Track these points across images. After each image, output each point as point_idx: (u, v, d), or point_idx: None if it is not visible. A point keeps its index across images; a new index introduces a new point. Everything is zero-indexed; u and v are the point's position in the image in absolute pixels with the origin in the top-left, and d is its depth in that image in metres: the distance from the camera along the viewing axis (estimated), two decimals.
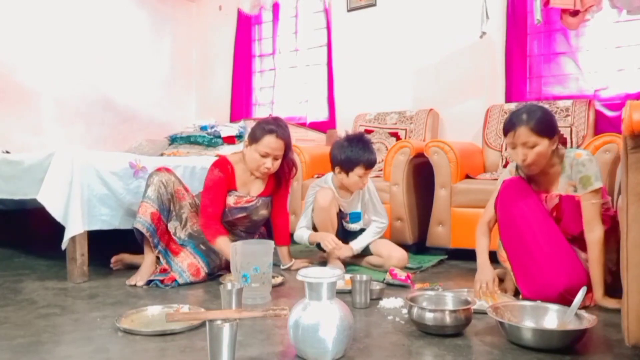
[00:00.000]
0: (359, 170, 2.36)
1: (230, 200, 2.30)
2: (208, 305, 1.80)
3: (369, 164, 2.38)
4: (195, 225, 2.30)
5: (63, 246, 2.14)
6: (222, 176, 2.27)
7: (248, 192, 2.35)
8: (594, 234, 1.78)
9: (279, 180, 2.41)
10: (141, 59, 4.46)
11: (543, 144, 1.83)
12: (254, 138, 2.24)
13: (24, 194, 2.26)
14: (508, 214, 1.92)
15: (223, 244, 2.17)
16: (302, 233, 2.50)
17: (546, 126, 1.83)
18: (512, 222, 1.90)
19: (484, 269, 1.94)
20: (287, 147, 2.29)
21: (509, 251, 1.92)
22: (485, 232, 2.05)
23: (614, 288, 1.69)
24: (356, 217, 2.58)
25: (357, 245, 2.47)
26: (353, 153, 2.35)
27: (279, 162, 2.28)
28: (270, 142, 2.21)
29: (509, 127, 1.88)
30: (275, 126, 2.23)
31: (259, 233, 2.53)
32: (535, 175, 1.93)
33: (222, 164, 2.31)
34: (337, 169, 2.43)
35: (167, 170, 2.29)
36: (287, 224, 2.51)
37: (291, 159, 2.37)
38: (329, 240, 2.34)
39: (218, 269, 2.27)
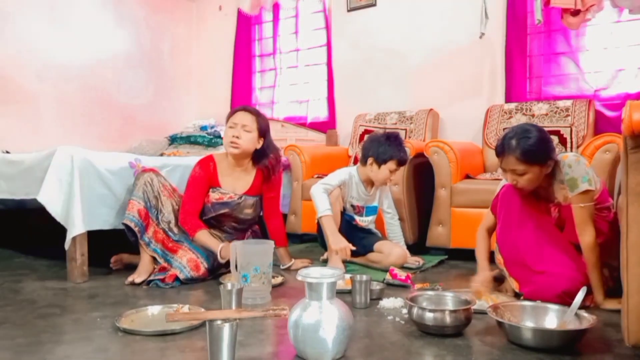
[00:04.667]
0: (391, 165, 2.45)
1: (214, 196, 2.34)
2: (208, 305, 1.80)
3: (402, 162, 2.49)
4: None
5: (66, 246, 2.15)
6: (202, 174, 2.33)
7: (233, 189, 2.37)
8: (585, 238, 1.76)
9: (266, 176, 2.40)
10: (141, 59, 4.46)
11: (533, 171, 1.78)
12: (226, 120, 2.37)
13: (24, 194, 2.27)
14: (507, 215, 1.92)
15: (202, 236, 2.23)
16: (323, 197, 2.41)
17: (536, 154, 1.76)
18: (510, 224, 1.90)
19: (480, 271, 1.97)
20: (261, 129, 2.33)
21: (506, 254, 1.92)
22: (484, 237, 2.05)
23: (614, 290, 1.69)
24: (373, 210, 2.64)
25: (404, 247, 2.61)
26: (390, 148, 2.45)
27: (250, 135, 2.30)
28: (237, 115, 2.32)
29: (499, 152, 1.83)
30: (244, 106, 2.39)
31: (252, 231, 2.53)
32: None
33: (204, 161, 2.38)
34: (370, 160, 2.49)
35: (153, 170, 2.33)
36: (281, 225, 2.51)
37: (272, 148, 2.40)
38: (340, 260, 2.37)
39: (218, 264, 2.26)
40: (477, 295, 1.78)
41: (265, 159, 2.36)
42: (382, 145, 2.46)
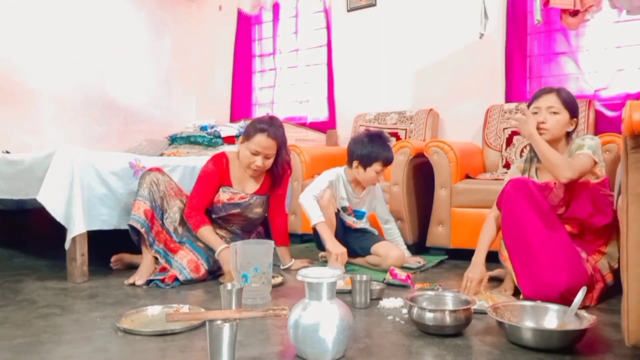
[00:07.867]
0: (377, 166, 2.43)
1: (225, 196, 2.32)
2: (208, 305, 1.80)
3: (387, 161, 2.46)
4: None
5: (66, 246, 2.14)
6: (215, 169, 2.31)
7: (243, 189, 2.37)
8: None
9: (275, 180, 2.41)
10: (141, 59, 4.46)
11: (564, 115, 1.97)
12: (247, 135, 2.28)
13: (24, 194, 2.26)
14: (511, 211, 1.91)
15: (206, 232, 2.21)
16: (313, 205, 2.38)
17: (572, 102, 1.99)
18: (515, 220, 1.90)
19: (476, 267, 1.95)
20: (281, 147, 2.30)
21: (510, 249, 1.91)
22: (491, 226, 2.04)
23: (614, 288, 1.69)
24: (361, 215, 2.63)
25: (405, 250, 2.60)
26: (374, 149, 2.42)
27: (270, 161, 2.30)
28: (261, 141, 2.23)
29: (540, 93, 2.04)
30: (267, 125, 2.25)
31: (257, 232, 2.53)
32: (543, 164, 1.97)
33: (217, 158, 2.35)
34: (355, 163, 2.47)
35: (159, 170, 2.32)
36: (285, 224, 2.51)
37: (285, 159, 2.37)
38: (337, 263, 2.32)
39: (218, 266, 2.26)
40: (479, 295, 1.78)
41: (277, 166, 2.36)
42: (365, 147, 2.43)
